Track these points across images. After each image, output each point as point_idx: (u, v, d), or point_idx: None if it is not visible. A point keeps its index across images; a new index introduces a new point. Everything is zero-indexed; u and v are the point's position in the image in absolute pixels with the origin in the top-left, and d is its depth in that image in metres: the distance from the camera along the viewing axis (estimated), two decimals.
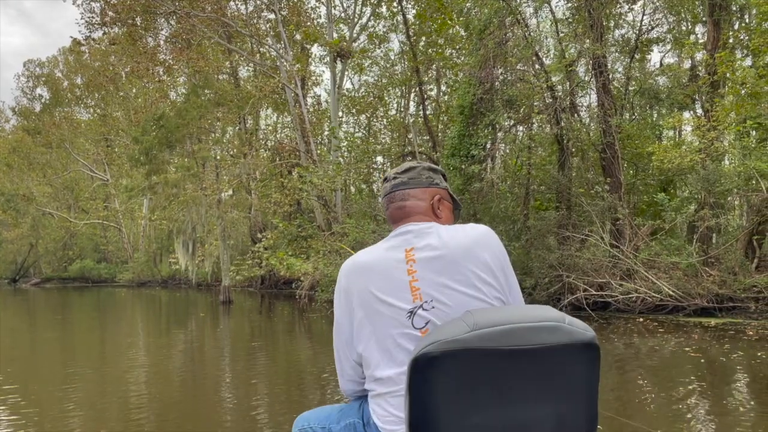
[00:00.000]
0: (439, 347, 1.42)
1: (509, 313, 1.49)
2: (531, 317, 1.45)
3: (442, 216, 1.77)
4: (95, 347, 11.27)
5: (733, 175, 13.58)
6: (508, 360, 1.42)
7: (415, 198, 1.75)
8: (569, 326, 1.44)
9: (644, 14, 17.63)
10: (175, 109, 20.53)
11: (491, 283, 1.61)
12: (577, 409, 1.48)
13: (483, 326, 1.43)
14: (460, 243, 1.61)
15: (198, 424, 5.45)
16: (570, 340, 1.44)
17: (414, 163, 1.82)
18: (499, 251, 1.64)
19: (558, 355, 1.43)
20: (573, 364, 1.45)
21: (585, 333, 1.45)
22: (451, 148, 15.87)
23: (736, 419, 5.23)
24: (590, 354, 1.46)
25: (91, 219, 38.29)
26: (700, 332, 10.50)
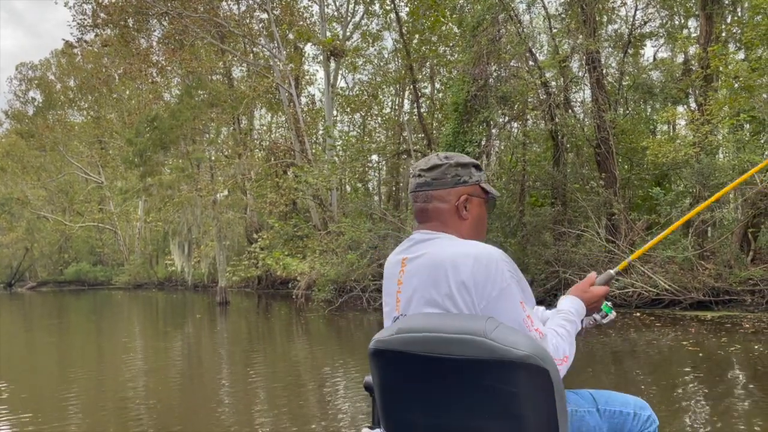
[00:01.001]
0: (373, 345, 1.53)
1: (436, 321, 1.48)
2: (453, 328, 1.42)
3: (469, 216, 1.68)
4: (92, 352, 11.23)
5: (728, 168, 13.60)
6: (428, 366, 1.44)
7: (439, 200, 1.66)
8: (490, 342, 1.37)
9: (637, 9, 17.65)
10: (169, 110, 20.47)
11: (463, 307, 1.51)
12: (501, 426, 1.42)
13: (405, 331, 1.47)
14: (444, 261, 1.54)
15: (198, 428, 5.43)
16: (489, 356, 1.37)
17: (440, 160, 1.69)
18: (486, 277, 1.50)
19: (479, 369, 1.39)
20: (500, 381, 1.39)
21: (510, 350, 1.36)
22: (446, 146, 15.84)
23: (735, 413, 5.24)
24: (522, 372, 1.38)
25: (86, 222, 38.17)
26: (696, 326, 10.52)
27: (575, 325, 1.68)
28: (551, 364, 1.39)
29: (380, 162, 28.60)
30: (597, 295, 1.81)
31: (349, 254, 15.71)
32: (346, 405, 6.04)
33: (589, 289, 1.82)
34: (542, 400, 1.40)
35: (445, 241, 1.61)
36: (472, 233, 1.68)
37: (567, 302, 1.76)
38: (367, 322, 13.71)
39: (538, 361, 1.37)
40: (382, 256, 16.18)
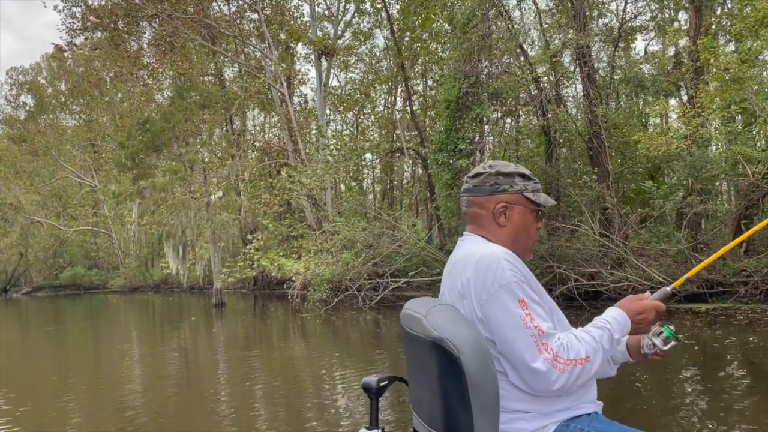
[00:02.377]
0: None
1: (418, 302, 1.71)
2: (415, 306, 1.66)
3: (508, 223, 1.73)
4: (90, 358, 11.19)
5: (720, 160, 13.64)
6: (408, 340, 1.69)
7: (477, 206, 1.75)
8: (425, 322, 1.54)
9: (627, 2, 17.66)
10: (161, 112, 20.41)
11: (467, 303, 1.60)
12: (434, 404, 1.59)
13: (406, 308, 1.73)
14: (460, 261, 1.67)
15: (197, 430, 5.42)
16: (423, 333, 1.55)
17: (484, 168, 1.77)
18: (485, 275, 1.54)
19: (419, 345, 1.59)
20: (430, 359, 1.55)
21: (431, 330, 1.52)
22: (439, 143, 15.85)
23: (732, 405, 5.25)
24: (438, 354, 1.50)
25: (80, 226, 38.05)
26: (691, 318, 10.56)
27: (605, 331, 1.58)
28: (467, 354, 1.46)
29: (374, 160, 28.59)
30: (644, 306, 1.68)
31: (344, 254, 15.70)
32: (343, 406, 6.04)
33: (636, 301, 1.71)
34: (453, 384, 1.49)
35: (470, 242, 1.73)
36: (510, 240, 1.73)
37: (607, 311, 1.67)
38: (363, 321, 13.70)
39: (449, 346, 1.47)
40: (377, 254, 16.18)
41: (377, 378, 1.87)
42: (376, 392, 1.87)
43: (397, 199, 29.31)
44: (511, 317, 1.50)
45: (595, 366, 1.52)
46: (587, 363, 1.51)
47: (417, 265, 16.15)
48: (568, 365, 1.48)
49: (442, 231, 19.24)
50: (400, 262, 16.07)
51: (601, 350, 1.54)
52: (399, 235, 16.99)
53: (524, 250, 1.76)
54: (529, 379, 1.50)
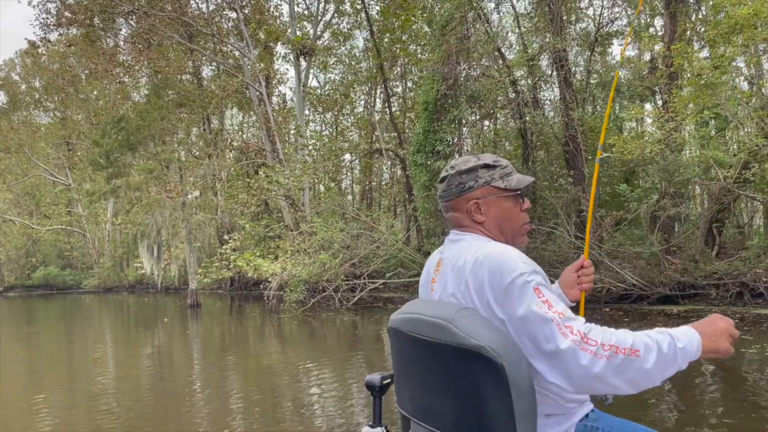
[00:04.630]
0: (389, 323, 1.71)
1: (425, 305, 1.62)
2: (431, 312, 1.54)
3: (485, 218, 1.69)
4: (62, 359, 11.00)
5: (693, 164, 13.84)
6: (415, 346, 1.58)
7: (452, 210, 1.73)
8: (455, 328, 1.44)
9: (603, 7, 17.86)
10: (136, 110, 20.15)
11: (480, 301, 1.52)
12: (466, 411, 1.47)
13: (403, 312, 1.65)
14: (465, 260, 1.58)
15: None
16: (453, 341, 1.45)
17: (448, 171, 1.74)
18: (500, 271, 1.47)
19: (445, 353, 1.49)
20: (461, 367, 1.46)
21: (467, 338, 1.41)
22: (417, 144, 15.87)
23: (702, 406, 5.32)
24: (476, 363, 1.41)
25: (53, 225, 37.40)
26: (663, 320, 10.69)
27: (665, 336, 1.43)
28: (510, 360, 1.38)
29: (353, 161, 28.54)
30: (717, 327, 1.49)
31: (321, 254, 15.64)
32: (318, 407, 6.00)
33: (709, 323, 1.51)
34: (495, 392, 1.41)
35: (469, 240, 1.67)
36: (497, 232, 1.70)
37: None
38: (340, 322, 13.66)
39: (492, 354, 1.38)
40: (354, 255, 16.14)
41: (380, 376, 1.87)
42: (379, 390, 1.88)
43: (376, 200, 29.29)
44: (531, 307, 1.43)
45: (649, 363, 1.39)
46: (636, 357, 1.38)
47: (394, 266, 16.16)
48: (606, 350, 1.37)
49: (419, 232, 19.26)
50: (378, 263, 16.06)
51: (656, 350, 1.40)
52: (377, 236, 16.97)
53: (513, 237, 1.72)
54: (560, 367, 1.40)
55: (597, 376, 1.37)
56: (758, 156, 11.99)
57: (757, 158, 12.07)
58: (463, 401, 1.47)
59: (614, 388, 1.40)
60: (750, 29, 11.13)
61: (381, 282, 15.84)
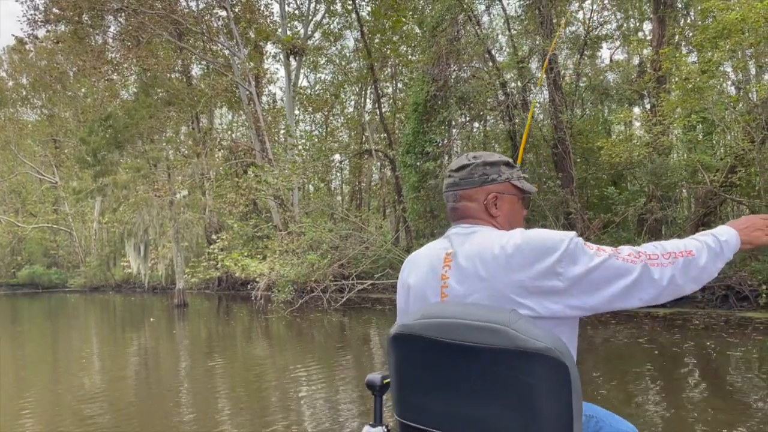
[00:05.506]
0: (396, 330, 1.56)
1: (460, 309, 1.50)
2: (477, 316, 1.45)
3: (499, 213, 1.69)
4: (47, 359, 10.89)
5: (680, 168, 13.94)
6: (450, 353, 1.47)
7: (467, 199, 1.69)
8: (512, 331, 1.39)
9: (593, 11, 17.96)
10: (124, 108, 20.02)
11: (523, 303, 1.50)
12: (535, 421, 1.42)
13: (428, 317, 1.50)
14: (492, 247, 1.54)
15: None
16: (511, 345, 1.39)
17: (468, 160, 1.72)
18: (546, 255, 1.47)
19: (500, 358, 1.41)
20: (522, 372, 1.40)
21: (530, 341, 1.38)
22: (406, 145, 15.88)
23: (689, 408, 5.34)
24: (540, 364, 1.38)
25: (39, 223, 37.05)
26: (650, 322, 10.76)
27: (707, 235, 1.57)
28: (570, 360, 1.39)
29: (343, 162, 28.51)
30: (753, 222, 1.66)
31: (310, 255, 15.59)
32: (306, 408, 5.97)
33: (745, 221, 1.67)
34: (558, 394, 1.40)
35: (485, 232, 1.63)
36: (507, 228, 1.67)
37: None
38: (328, 323, 13.62)
39: (557, 354, 1.37)
40: (343, 256, 16.11)
41: (381, 375, 1.86)
42: (379, 389, 1.86)
43: (365, 200, 29.28)
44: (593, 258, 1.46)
45: (703, 260, 1.50)
46: (691, 257, 1.49)
47: (383, 266, 16.14)
48: (666, 259, 1.47)
49: (408, 233, 19.26)
50: (367, 263, 16.04)
51: (705, 246, 1.52)
52: (366, 236, 16.96)
53: None
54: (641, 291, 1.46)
55: (670, 282, 1.47)
56: (744, 160, 12.10)
57: (743, 162, 12.18)
58: (516, 406, 1.43)
59: (684, 289, 1.51)
60: (737, 34, 11.23)
61: (369, 283, 15.82)
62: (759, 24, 10.81)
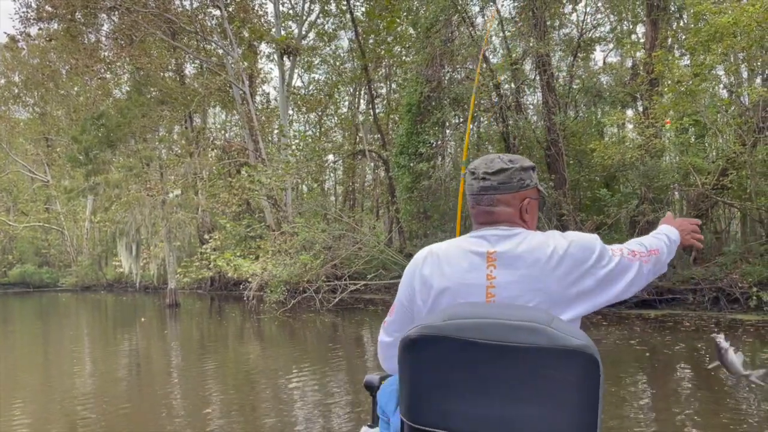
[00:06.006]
0: (419, 332, 1.47)
1: (493, 309, 1.50)
2: (514, 316, 1.46)
3: (529, 219, 1.72)
4: (38, 359, 10.82)
5: (672, 170, 14.00)
6: (486, 354, 1.44)
7: (505, 204, 1.68)
8: (553, 330, 1.41)
9: (586, 13, 18.02)
10: (117, 107, 19.91)
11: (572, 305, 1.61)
12: (566, 418, 1.45)
13: (461, 317, 1.46)
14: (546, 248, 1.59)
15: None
16: (551, 344, 1.41)
17: (506, 164, 1.70)
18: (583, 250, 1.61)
19: (539, 357, 1.42)
20: (558, 370, 1.42)
21: (569, 339, 1.41)
22: (400, 146, 15.89)
23: (680, 409, 5.36)
24: (578, 361, 1.41)
25: (31, 222, 36.83)
26: (641, 324, 10.79)
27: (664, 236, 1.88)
28: (599, 356, 1.44)
29: (336, 162, 28.48)
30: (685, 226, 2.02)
31: (302, 255, 15.56)
32: (298, 408, 5.96)
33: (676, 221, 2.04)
34: (591, 390, 1.43)
35: (526, 234, 1.65)
36: None
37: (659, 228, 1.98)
38: (321, 323, 13.61)
39: (593, 351, 1.41)
40: (336, 256, 16.08)
41: (379, 376, 1.87)
42: (377, 390, 1.88)
43: (359, 201, 29.25)
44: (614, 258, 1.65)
45: (664, 256, 1.80)
46: (657, 255, 1.77)
47: (376, 267, 16.12)
48: (646, 256, 1.72)
49: (402, 234, 19.26)
50: (360, 264, 16.02)
51: (665, 245, 1.83)
52: (359, 237, 16.94)
53: None
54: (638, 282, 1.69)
55: (648, 275, 1.72)
56: (735, 163, 12.16)
57: (734, 165, 12.24)
58: (550, 405, 1.45)
59: (650, 280, 1.77)
60: (729, 38, 11.29)
61: (362, 283, 15.80)
62: (751, 28, 10.88)
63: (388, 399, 1.92)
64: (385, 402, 1.93)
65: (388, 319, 1.81)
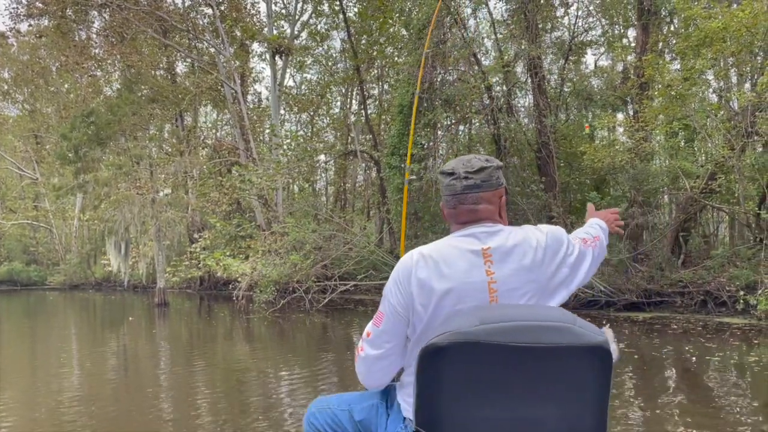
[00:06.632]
0: (448, 338, 1.45)
1: (521, 311, 1.53)
2: (541, 316, 1.49)
3: (504, 215, 1.81)
4: (25, 358, 10.72)
5: (661, 174, 14.08)
6: (515, 356, 1.45)
7: (487, 202, 1.74)
8: (579, 328, 1.46)
9: (578, 17, 18.10)
10: (107, 104, 19.78)
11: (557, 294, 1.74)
12: (583, 413, 1.50)
13: (491, 321, 1.46)
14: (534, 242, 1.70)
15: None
16: (579, 342, 1.45)
17: (485, 162, 1.77)
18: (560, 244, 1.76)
19: (566, 356, 1.46)
20: (581, 367, 1.48)
21: (595, 336, 1.46)
22: (391, 147, 15.88)
23: (667, 412, 5.38)
24: (600, 357, 1.47)
25: (19, 219, 36.54)
26: (629, 326, 10.84)
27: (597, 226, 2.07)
28: None
29: (328, 162, 28.44)
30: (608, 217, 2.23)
31: (293, 255, 15.52)
32: (287, 408, 5.94)
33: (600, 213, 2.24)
34: (604, 384, 1.51)
35: (509, 229, 1.74)
36: None
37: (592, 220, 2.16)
38: (310, 323, 13.58)
39: (608, 346, 1.48)
40: (326, 257, 16.05)
41: None
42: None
43: (350, 201, 29.22)
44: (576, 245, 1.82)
45: (605, 242, 2.01)
46: (600, 240, 1.95)
47: (366, 268, 16.11)
48: (591, 242, 1.89)
49: (392, 235, 19.25)
50: (350, 264, 16.00)
51: (602, 233, 2.03)
52: (349, 237, 16.91)
53: None
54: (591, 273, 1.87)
55: (597, 261, 1.89)
56: (724, 167, 12.25)
57: (723, 169, 12.33)
58: (571, 401, 1.50)
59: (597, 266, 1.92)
60: (719, 43, 11.37)
61: (352, 284, 15.78)
62: (740, 33, 10.96)
63: (368, 415, 1.89)
64: (365, 418, 1.89)
65: (374, 331, 1.74)
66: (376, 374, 1.79)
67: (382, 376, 1.81)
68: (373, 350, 1.75)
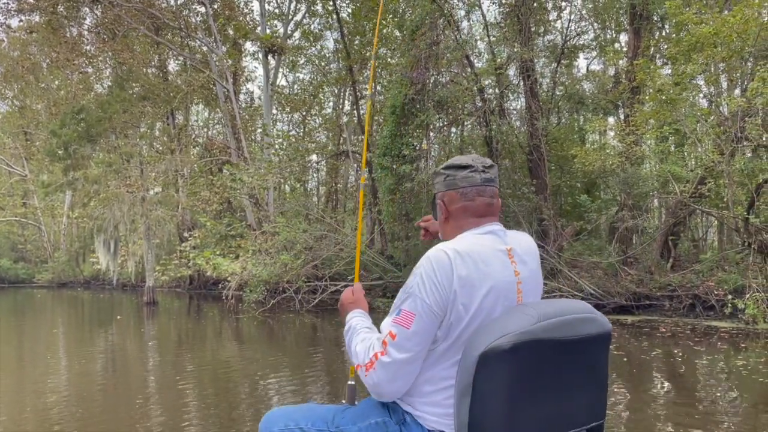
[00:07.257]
0: (512, 339, 1.41)
1: (561, 305, 1.54)
2: (575, 309, 1.53)
3: None
4: (11, 356, 10.62)
5: (651, 178, 14.16)
6: (562, 350, 1.48)
7: (497, 197, 1.80)
8: (600, 317, 1.55)
9: (571, 21, 18.18)
10: (98, 102, 19.65)
11: None
12: (599, 395, 1.59)
13: (546, 317, 1.46)
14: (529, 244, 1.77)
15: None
16: (602, 330, 1.54)
17: (489, 160, 1.81)
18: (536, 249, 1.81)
19: (594, 344, 1.54)
20: (600, 354, 1.57)
21: (608, 324, 1.57)
22: (383, 148, 15.86)
23: (656, 414, 5.40)
24: (609, 342, 1.59)
25: (7, 216, 36.24)
26: (618, 329, 10.88)
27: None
28: None
29: (320, 162, 28.40)
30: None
31: (283, 255, 15.48)
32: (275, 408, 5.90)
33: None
34: (606, 368, 1.63)
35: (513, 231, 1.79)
36: None
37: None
38: (300, 323, 13.55)
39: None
40: (316, 257, 16.02)
41: None
42: None
43: (341, 202, 29.19)
44: None
45: None
46: None
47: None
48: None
49: (383, 236, 19.24)
50: (340, 265, 15.98)
51: None
52: (340, 238, 16.89)
53: None
54: None
55: None
56: (714, 172, 12.33)
57: (712, 174, 12.41)
58: (595, 386, 1.58)
59: None
60: (710, 48, 11.45)
61: (343, 284, 15.74)
62: (731, 39, 11.04)
63: None
64: None
65: (401, 333, 1.59)
66: (400, 380, 1.62)
67: (405, 383, 1.63)
68: (400, 354, 1.58)
